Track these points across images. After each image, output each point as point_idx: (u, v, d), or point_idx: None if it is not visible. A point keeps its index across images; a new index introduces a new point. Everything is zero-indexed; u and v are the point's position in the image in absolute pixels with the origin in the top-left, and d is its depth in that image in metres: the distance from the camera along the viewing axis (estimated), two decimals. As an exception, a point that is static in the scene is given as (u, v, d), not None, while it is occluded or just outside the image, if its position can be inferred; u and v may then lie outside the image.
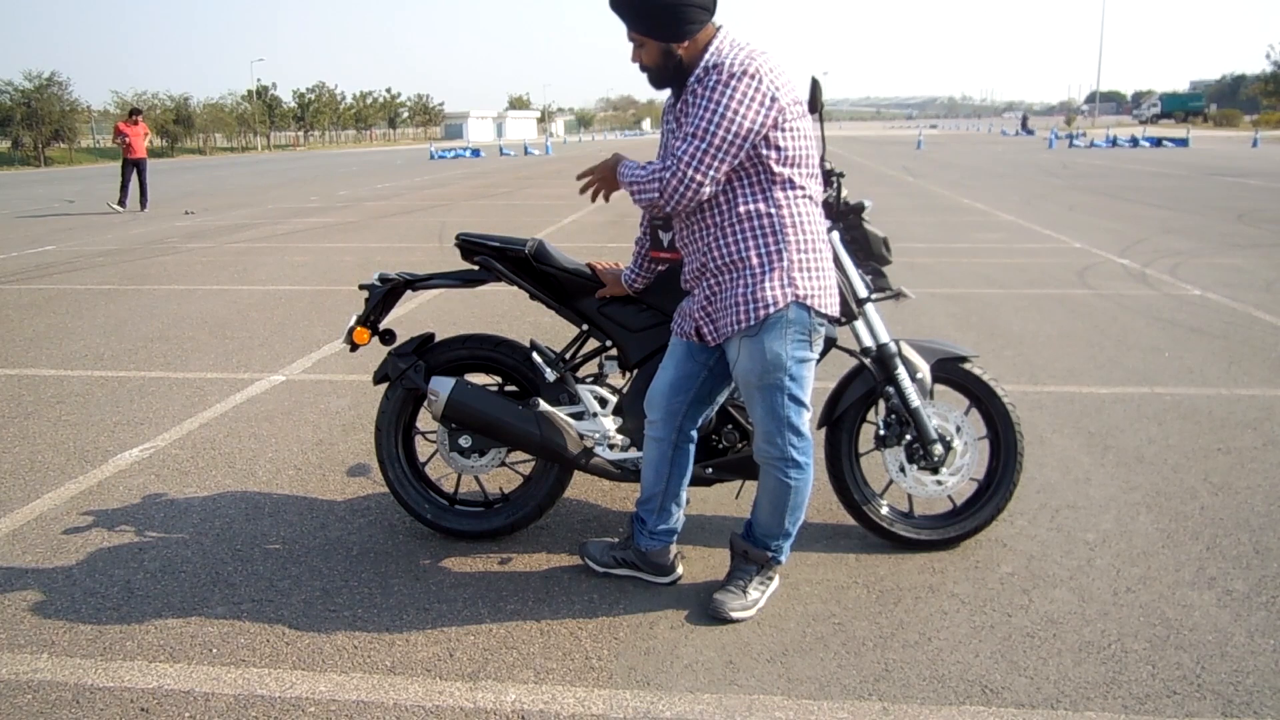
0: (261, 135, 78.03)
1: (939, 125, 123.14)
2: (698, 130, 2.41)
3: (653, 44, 2.51)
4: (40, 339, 6.54)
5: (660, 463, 2.84)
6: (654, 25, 2.48)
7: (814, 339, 2.58)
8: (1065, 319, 6.62)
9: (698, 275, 2.65)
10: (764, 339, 2.52)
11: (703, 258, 2.60)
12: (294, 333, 6.60)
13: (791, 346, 2.54)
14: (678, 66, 2.52)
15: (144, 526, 3.42)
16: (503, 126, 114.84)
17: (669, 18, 2.45)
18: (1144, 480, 3.70)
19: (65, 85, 50.26)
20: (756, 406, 2.63)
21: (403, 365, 3.14)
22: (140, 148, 16.87)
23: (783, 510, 2.71)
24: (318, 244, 11.62)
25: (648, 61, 2.55)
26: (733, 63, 2.41)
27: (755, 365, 2.56)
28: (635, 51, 2.56)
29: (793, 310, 2.51)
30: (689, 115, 2.47)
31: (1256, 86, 79.51)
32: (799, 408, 2.61)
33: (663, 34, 2.48)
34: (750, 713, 2.29)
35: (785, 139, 2.47)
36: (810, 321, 2.55)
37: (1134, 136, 44.37)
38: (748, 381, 2.61)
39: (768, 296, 2.50)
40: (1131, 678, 2.41)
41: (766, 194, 2.50)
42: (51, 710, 2.34)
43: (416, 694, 2.38)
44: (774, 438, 2.63)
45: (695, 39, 2.49)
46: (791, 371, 2.56)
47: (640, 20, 2.49)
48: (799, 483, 2.68)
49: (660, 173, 2.47)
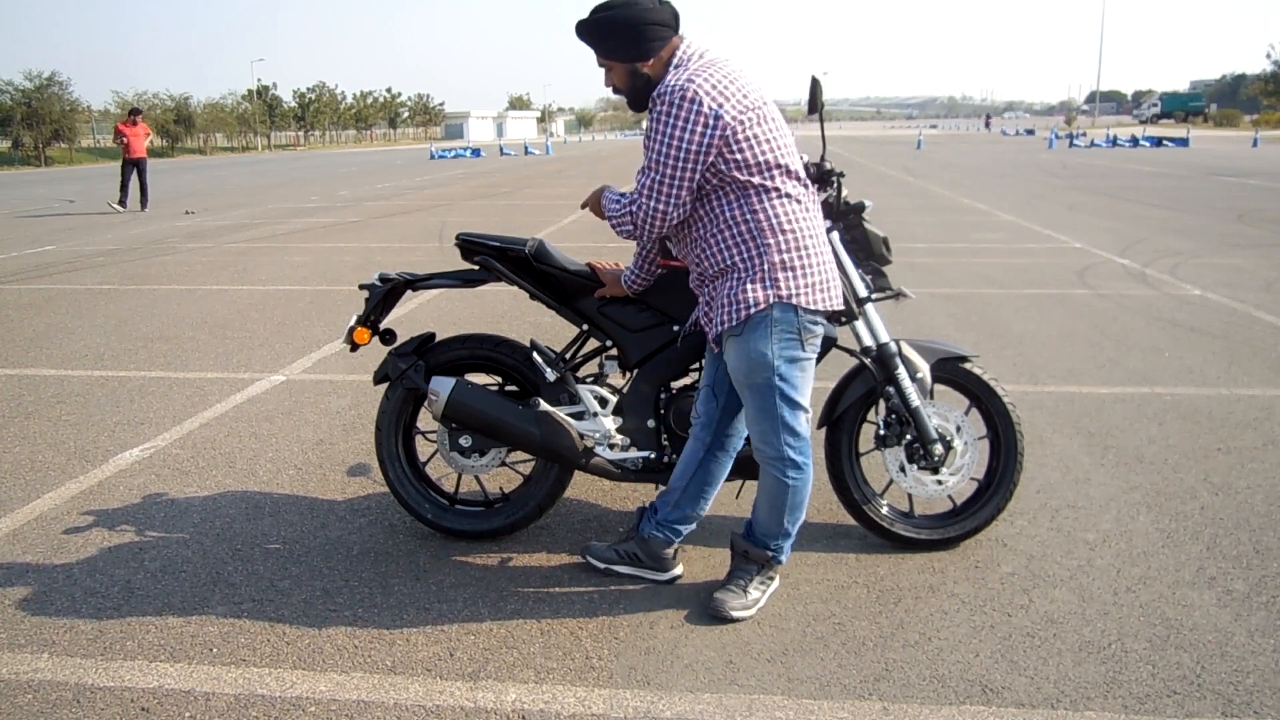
0: (262, 135, 78.03)
1: (939, 125, 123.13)
2: (651, 162, 2.49)
3: (619, 66, 2.55)
4: (40, 339, 6.54)
5: (690, 461, 2.87)
6: (617, 47, 2.52)
7: (805, 338, 2.58)
8: (1065, 319, 6.62)
9: (698, 283, 2.71)
10: (749, 338, 2.55)
11: (698, 266, 2.66)
12: (294, 333, 6.60)
13: (778, 346, 2.54)
14: (647, 84, 2.56)
15: (144, 526, 3.42)
16: (503, 126, 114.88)
17: (630, 39, 2.49)
18: (1144, 480, 3.70)
19: (65, 85, 50.29)
20: (749, 406, 2.65)
21: (403, 365, 3.14)
22: (140, 148, 16.88)
23: (781, 510, 2.71)
24: (318, 244, 11.62)
25: (618, 84, 2.59)
26: (672, 90, 2.43)
27: (742, 364, 2.59)
28: (606, 76, 2.61)
29: (777, 310, 2.53)
30: (647, 144, 2.52)
31: (1256, 86, 79.49)
32: (793, 408, 2.61)
33: (627, 55, 2.52)
34: (750, 713, 2.29)
35: (743, 149, 2.47)
36: (799, 321, 2.55)
37: (1134, 136, 44.37)
38: (738, 381, 2.64)
39: (749, 297, 2.52)
40: (1131, 678, 2.41)
41: (741, 202, 2.53)
42: (51, 710, 2.34)
43: (416, 694, 2.38)
44: (769, 437, 2.64)
45: (660, 56, 2.52)
46: (780, 371, 2.56)
47: (603, 44, 2.54)
48: (797, 482, 2.68)
49: (629, 207, 2.56)
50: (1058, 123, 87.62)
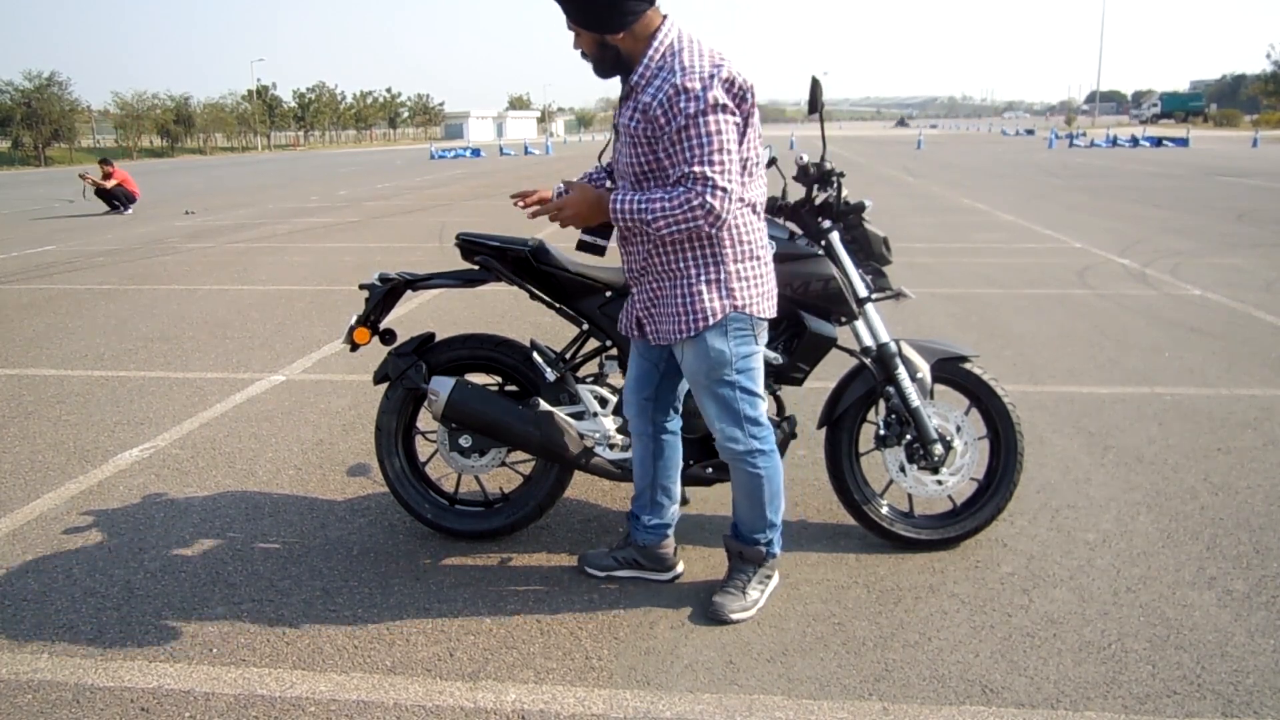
0: (261, 135, 78.03)
1: (939, 125, 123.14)
2: (700, 147, 2.32)
3: (587, 34, 2.46)
4: (40, 339, 6.54)
5: (645, 456, 2.89)
6: (588, 15, 2.43)
7: (757, 332, 2.61)
8: (1065, 319, 6.62)
9: (639, 276, 2.64)
10: (707, 338, 2.54)
11: (644, 260, 2.59)
12: (294, 333, 6.60)
13: (734, 343, 2.56)
14: (616, 57, 2.47)
15: (144, 526, 3.42)
16: (503, 126, 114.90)
17: (604, 10, 2.39)
18: (1144, 480, 3.69)
19: (65, 85, 50.33)
20: (710, 406, 2.64)
21: (403, 365, 3.13)
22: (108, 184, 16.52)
23: (761, 501, 2.72)
24: (318, 244, 11.62)
25: (586, 50, 2.50)
26: (706, 77, 2.33)
27: (702, 365, 2.58)
28: (575, 39, 2.51)
29: (731, 314, 2.53)
30: (683, 139, 2.34)
31: (1256, 86, 79.51)
32: (752, 398, 2.63)
33: (597, 25, 2.42)
34: (750, 713, 2.29)
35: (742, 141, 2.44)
36: (750, 320, 2.57)
37: (1134, 136, 44.37)
38: (697, 382, 2.63)
39: (706, 308, 2.50)
40: (1131, 678, 2.41)
41: None
42: (51, 710, 2.34)
43: (416, 694, 2.38)
44: (734, 433, 2.65)
45: (633, 30, 2.42)
46: (738, 365, 2.58)
47: (575, 11, 2.45)
48: (769, 470, 2.69)
49: (699, 196, 2.33)
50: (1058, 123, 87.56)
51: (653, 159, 2.44)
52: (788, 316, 2.98)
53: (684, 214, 2.35)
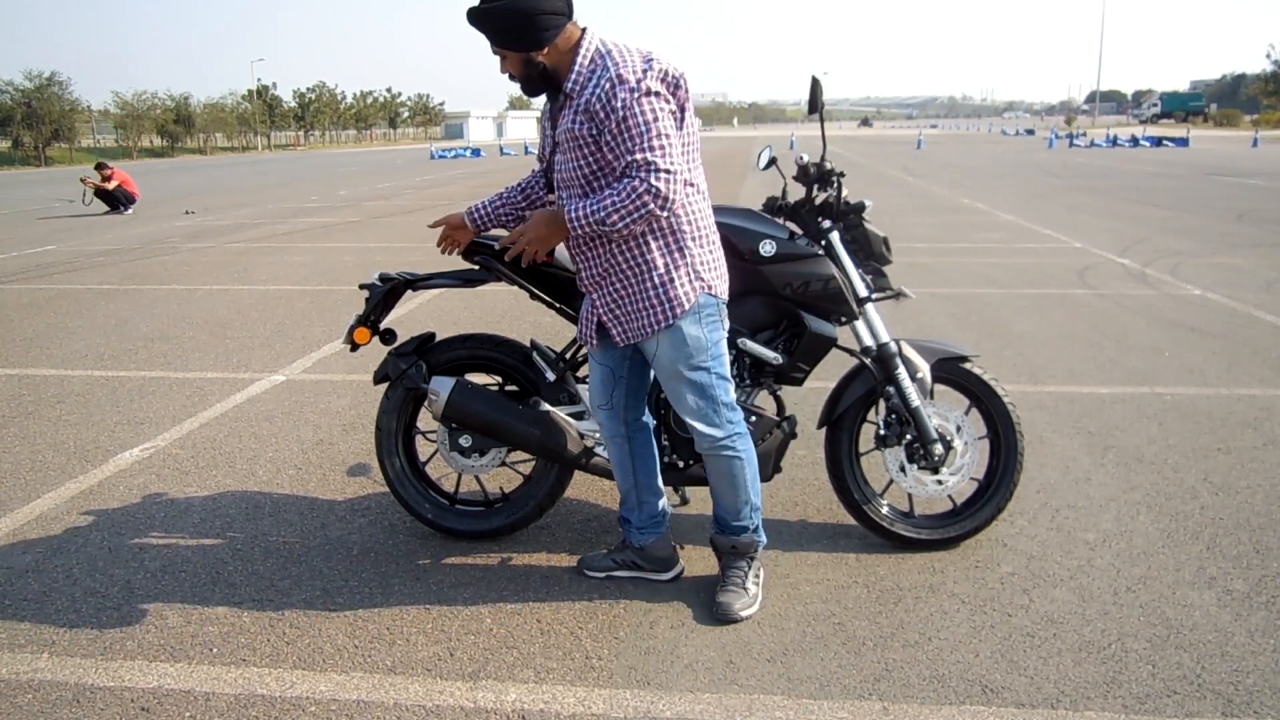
0: (262, 135, 78.05)
1: (939, 125, 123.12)
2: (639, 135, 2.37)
3: (513, 55, 2.50)
4: (40, 339, 6.54)
5: (622, 458, 2.91)
6: (510, 38, 2.47)
7: (722, 317, 2.66)
8: (1065, 319, 6.62)
9: (599, 280, 2.63)
10: (681, 326, 2.57)
11: (605, 263, 2.59)
12: (294, 333, 6.60)
13: (708, 329, 2.60)
14: (544, 73, 2.52)
15: (144, 526, 3.42)
16: (503, 126, 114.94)
17: (522, 29, 2.43)
18: (1144, 480, 3.69)
19: (65, 85, 50.34)
20: (687, 396, 2.64)
21: (403, 365, 3.13)
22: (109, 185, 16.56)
23: (744, 483, 2.74)
24: (318, 244, 11.62)
25: (513, 72, 2.54)
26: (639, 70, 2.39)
27: (680, 353, 2.59)
28: (501, 64, 2.56)
29: (702, 298, 2.58)
30: (623, 130, 2.38)
31: (1256, 86, 79.52)
32: (725, 383, 2.67)
33: (519, 44, 2.47)
34: (750, 713, 2.29)
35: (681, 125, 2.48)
36: (717, 303, 2.63)
37: (1134, 136, 44.38)
38: (673, 372, 2.63)
39: (678, 295, 2.54)
40: (1131, 678, 2.41)
41: None
42: (51, 710, 2.34)
43: (416, 694, 2.38)
44: (713, 421, 2.67)
45: (556, 45, 2.47)
46: (712, 351, 2.62)
47: (495, 34, 2.49)
48: (746, 451, 2.73)
49: (640, 185, 2.37)
50: (1058, 122, 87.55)
51: (599, 157, 2.48)
52: (788, 316, 2.98)
53: (634, 202, 2.40)
